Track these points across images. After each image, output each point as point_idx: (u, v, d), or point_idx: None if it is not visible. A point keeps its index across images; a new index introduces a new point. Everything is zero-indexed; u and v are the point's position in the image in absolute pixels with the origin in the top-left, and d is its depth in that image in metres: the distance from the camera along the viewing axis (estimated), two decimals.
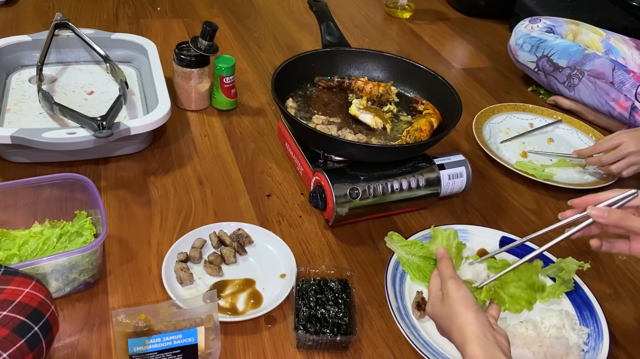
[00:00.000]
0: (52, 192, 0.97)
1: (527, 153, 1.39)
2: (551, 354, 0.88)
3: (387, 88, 1.28)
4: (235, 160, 1.25)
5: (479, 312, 0.74)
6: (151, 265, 0.98)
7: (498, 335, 0.73)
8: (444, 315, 0.77)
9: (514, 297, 0.89)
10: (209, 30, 1.28)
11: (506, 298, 0.89)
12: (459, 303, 0.75)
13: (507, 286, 0.91)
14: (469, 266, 0.93)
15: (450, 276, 0.80)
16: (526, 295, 0.89)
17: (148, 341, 0.75)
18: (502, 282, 0.91)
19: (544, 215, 1.22)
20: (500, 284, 0.91)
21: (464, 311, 0.74)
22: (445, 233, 0.95)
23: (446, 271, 0.81)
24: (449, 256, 0.85)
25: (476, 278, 0.92)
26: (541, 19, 1.63)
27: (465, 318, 0.73)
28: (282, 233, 1.07)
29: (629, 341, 0.96)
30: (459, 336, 0.72)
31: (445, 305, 0.77)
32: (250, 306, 0.92)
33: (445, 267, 0.82)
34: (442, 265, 0.83)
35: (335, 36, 1.35)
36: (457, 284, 0.78)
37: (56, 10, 1.72)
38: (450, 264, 0.83)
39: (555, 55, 1.53)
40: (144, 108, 1.27)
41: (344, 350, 0.88)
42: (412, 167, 1.10)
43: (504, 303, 0.89)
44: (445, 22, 2.08)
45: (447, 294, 0.78)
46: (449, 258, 0.84)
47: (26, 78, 1.32)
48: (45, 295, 0.74)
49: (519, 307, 0.89)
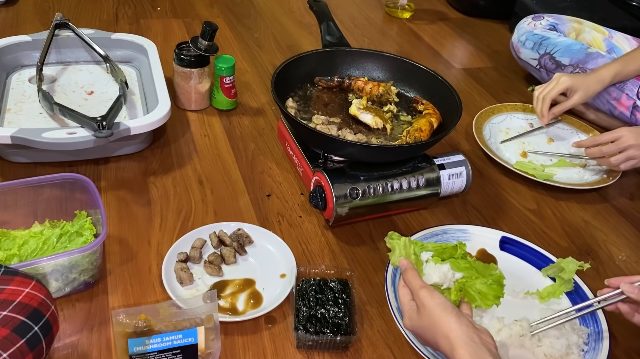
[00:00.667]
0: (52, 192, 0.97)
1: (527, 153, 1.39)
2: (551, 354, 0.88)
3: (387, 88, 1.28)
4: (235, 160, 1.25)
5: (460, 315, 0.74)
6: (151, 265, 0.98)
7: (483, 335, 0.73)
8: (424, 326, 0.77)
9: (481, 293, 0.89)
10: (209, 30, 1.28)
11: (475, 295, 0.89)
12: (438, 310, 0.75)
13: (474, 283, 0.91)
14: (434, 269, 0.92)
15: (421, 286, 0.79)
16: (492, 291, 0.89)
17: (148, 341, 0.75)
18: (468, 280, 0.91)
19: (544, 215, 1.22)
20: (466, 282, 0.91)
21: (444, 318, 0.74)
22: (400, 242, 0.94)
23: (414, 282, 0.81)
24: (413, 266, 0.85)
25: (443, 279, 0.91)
26: (544, 17, 1.63)
27: (448, 324, 0.73)
28: (282, 233, 1.07)
29: (629, 341, 0.96)
30: (446, 344, 0.73)
31: (424, 316, 0.77)
32: (250, 306, 0.92)
33: (412, 278, 0.82)
34: (408, 276, 0.82)
35: (335, 36, 1.35)
36: (430, 292, 0.78)
37: (56, 10, 1.72)
38: (416, 274, 0.82)
39: (558, 53, 1.54)
40: (144, 108, 1.27)
41: (344, 350, 0.88)
42: (412, 167, 1.10)
43: (474, 300, 0.88)
44: (445, 22, 2.08)
45: (422, 304, 0.77)
46: (413, 269, 0.84)
47: (26, 78, 1.32)
48: (45, 294, 0.74)
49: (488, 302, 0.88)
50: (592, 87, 1.36)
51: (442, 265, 0.92)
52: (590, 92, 1.36)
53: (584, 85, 1.35)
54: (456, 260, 0.94)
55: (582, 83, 1.35)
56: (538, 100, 1.39)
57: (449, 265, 0.92)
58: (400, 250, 0.92)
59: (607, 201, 1.29)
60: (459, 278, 0.91)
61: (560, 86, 1.35)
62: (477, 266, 0.93)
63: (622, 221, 1.24)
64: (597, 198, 1.29)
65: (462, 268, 0.93)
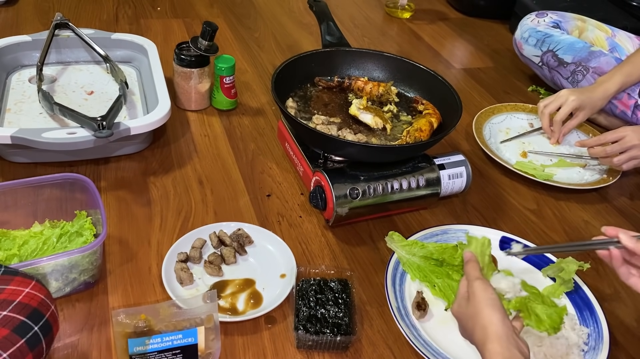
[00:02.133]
0: (52, 192, 0.97)
1: (527, 153, 1.39)
2: (551, 354, 0.88)
3: (387, 88, 1.28)
4: (235, 160, 1.25)
5: (505, 316, 0.74)
6: (151, 265, 0.98)
7: (520, 341, 0.73)
8: (468, 314, 0.77)
9: (538, 317, 0.88)
10: (209, 30, 1.28)
11: (532, 315, 0.88)
12: (485, 303, 0.76)
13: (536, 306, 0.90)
14: (504, 278, 0.94)
15: (477, 277, 0.80)
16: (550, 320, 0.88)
17: (148, 341, 0.75)
18: (531, 301, 0.91)
19: (544, 215, 1.22)
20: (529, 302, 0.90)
21: (489, 312, 0.74)
22: (479, 240, 0.94)
23: (472, 273, 0.82)
24: (476, 259, 0.86)
25: (510, 289, 0.92)
26: (548, 14, 1.63)
27: (489, 318, 0.74)
28: (282, 233, 1.07)
29: (629, 341, 0.96)
30: (481, 334, 0.73)
31: (471, 305, 0.77)
32: (250, 306, 0.92)
33: (471, 269, 0.83)
34: (468, 267, 0.84)
35: (335, 36, 1.35)
36: (485, 285, 0.79)
37: (56, 10, 1.72)
38: (477, 267, 0.84)
39: (561, 51, 1.54)
40: (144, 108, 1.27)
41: (344, 350, 0.88)
42: (412, 167, 1.10)
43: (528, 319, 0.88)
44: (445, 22, 2.09)
45: (474, 294, 0.78)
46: (475, 261, 0.85)
47: (26, 78, 1.32)
48: (45, 294, 0.74)
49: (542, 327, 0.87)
50: (598, 104, 1.37)
51: (513, 277, 0.94)
52: (596, 109, 1.38)
53: (590, 103, 1.35)
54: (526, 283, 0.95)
55: (588, 101, 1.35)
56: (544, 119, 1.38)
57: (519, 279, 0.94)
58: (477, 245, 0.93)
59: (607, 201, 1.29)
60: (524, 295, 0.92)
61: (569, 107, 1.35)
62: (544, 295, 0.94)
63: (622, 221, 1.24)
64: (597, 198, 1.29)
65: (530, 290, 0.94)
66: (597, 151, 1.29)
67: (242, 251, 1.01)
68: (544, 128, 1.40)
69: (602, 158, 1.29)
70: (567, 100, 1.35)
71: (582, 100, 1.35)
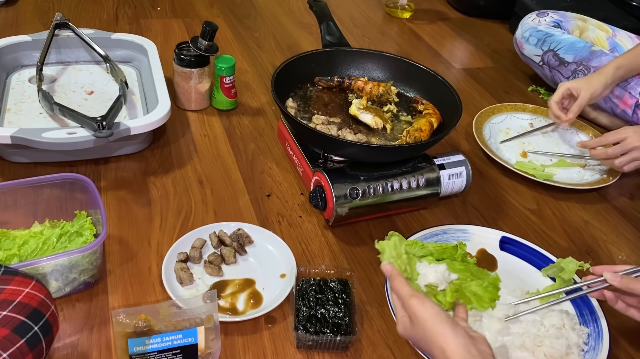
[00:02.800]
0: (52, 192, 0.97)
1: (527, 153, 1.39)
2: (551, 355, 0.88)
3: (387, 88, 1.28)
4: (235, 160, 1.25)
5: (455, 326, 0.71)
6: (151, 265, 0.98)
7: (479, 344, 0.70)
8: (418, 337, 0.73)
9: (477, 295, 0.87)
10: (209, 30, 1.28)
11: (471, 297, 0.87)
12: (432, 321, 0.71)
13: (469, 285, 0.88)
14: (429, 269, 0.89)
15: (410, 294, 0.74)
16: (488, 293, 0.88)
17: (148, 341, 0.75)
18: (463, 281, 0.89)
19: (544, 214, 1.22)
20: (462, 283, 0.89)
21: (439, 329, 0.70)
22: (390, 242, 0.87)
23: (403, 291, 0.76)
24: (398, 272, 0.79)
25: (439, 280, 0.89)
26: (549, 13, 1.63)
27: (443, 337, 0.70)
28: (282, 233, 1.07)
29: (629, 341, 0.96)
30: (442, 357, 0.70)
31: (417, 326, 0.73)
32: (250, 306, 0.92)
33: (400, 286, 0.76)
34: (395, 284, 0.77)
35: (335, 36, 1.35)
36: (421, 301, 0.73)
37: (56, 10, 1.72)
38: (403, 281, 0.77)
39: (562, 50, 1.54)
40: (144, 108, 1.27)
41: (344, 350, 0.88)
42: (412, 167, 1.10)
43: (470, 302, 0.86)
44: (445, 22, 2.09)
45: (415, 315, 0.73)
46: (399, 275, 0.78)
47: (26, 78, 1.32)
48: (45, 294, 0.74)
49: (484, 304, 0.87)
50: (594, 79, 1.35)
51: (438, 265, 0.91)
52: (594, 83, 1.34)
53: (585, 80, 1.35)
54: (452, 262, 0.94)
55: (582, 80, 1.35)
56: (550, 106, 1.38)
57: (445, 265, 0.91)
58: (390, 250, 0.85)
59: (607, 201, 1.29)
60: (454, 279, 0.90)
61: (560, 89, 1.36)
62: (472, 269, 0.93)
63: (622, 221, 1.24)
64: (597, 198, 1.29)
65: (458, 269, 0.92)
66: (598, 153, 1.29)
67: (242, 251, 1.01)
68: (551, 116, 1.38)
69: (604, 159, 1.29)
70: (559, 86, 1.36)
71: (575, 81, 1.35)
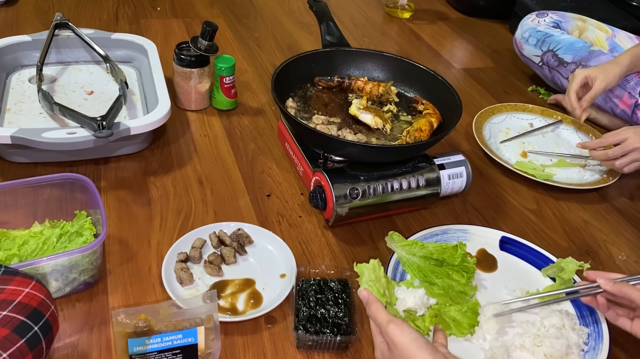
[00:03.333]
0: (52, 192, 0.97)
1: (527, 153, 1.39)
2: (551, 354, 0.88)
3: (387, 88, 1.28)
4: (235, 160, 1.25)
5: (435, 352, 0.69)
6: (151, 265, 0.98)
7: None
8: None
9: (456, 321, 0.86)
10: (209, 30, 1.28)
11: (450, 323, 0.86)
12: (411, 348, 0.69)
13: (448, 310, 0.88)
14: (407, 293, 0.89)
15: (388, 320, 0.73)
16: (467, 318, 0.86)
17: (148, 341, 0.75)
18: (441, 306, 0.88)
19: (544, 214, 1.22)
20: (440, 308, 0.88)
21: (419, 355, 0.69)
22: (369, 265, 0.86)
23: (380, 316, 0.74)
24: (375, 298, 0.78)
25: (418, 305, 0.88)
26: (548, 14, 1.63)
27: None
28: (282, 233, 1.07)
29: (629, 341, 0.96)
30: None
31: (395, 353, 0.71)
32: (250, 306, 0.92)
33: (377, 312, 0.75)
34: (372, 310, 0.75)
35: (335, 36, 1.35)
36: (399, 327, 0.72)
37: (56, 10, 1.72)
38: (381, 306, 0.76)
39: (561, 50, 1.54)
40: (144, 108, 1.27)
41: (344, 350, 0.88)
42: (412, 167, 1.10)
43: (449, 328, 0.85)
44: (445, 22, 2.09)
45: (393, 341, 0.71)
46: (376, 301, 0.77)
47: (26, 78, 1.32)
48: (45, 294, 0.74)
49: (463, 330, 0.85)
50: (611, 70, 1.34)
51: (417, 289, 0.89)
52: (610, 75, 1.34)
53: (601, 70, 1.35)
54: (430, 286, 0.93)
55: (598, 69, 1.35)
56: (567, 100, 1.38)
57: (423, 290, 0.90)
58: (369, 273, 0.85)
59: (607, 201, 1.29)
60: (432, 304, 0.89)
61: (578, 77, 1.35)
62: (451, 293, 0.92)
63: (622, 221, 1.24)
64: (597, 198, 1.29)
65: (436, 294, 0.91)
66: (599, 155, 1.29)
67: (242, 251, 1.01)
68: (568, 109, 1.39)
69: (604, 161, 1.29)
70: (574, 74, 1.36)
71: (590, 70, 1.35)
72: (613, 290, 0.83)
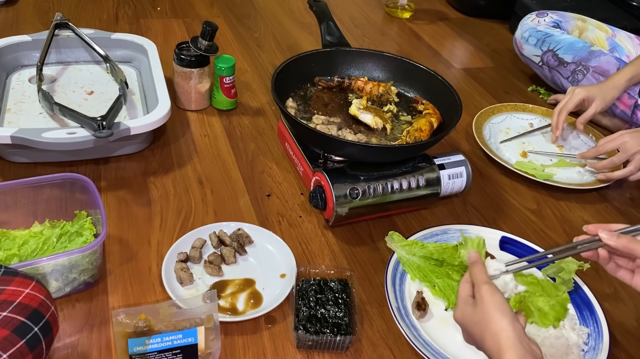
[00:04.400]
0: (52, 192, 0.97)
1: (527, 153, 1.39)
2: (551, 354, 0.88)
3: (387, 88, 1.28)
4: (235, 160, 1.25)
5: (515, 320, 0.72)
6: (151, 265, 0.98)
7: (532, 344, 0.72)
8: (476, 320, 0.75)
9: (542, 311, 0.88)
10: (209, 30, 1.28)
11: (535, 311, 0.87)
12: (494, 308, 0.73)
13: (536, 299, 0.89)
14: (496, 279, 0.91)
15: (485, 281, 0.77)
16: (554, 311, 0.88)
17: (148, 341, 0.75)
18: (531, 295, 0.89)
19: (544, 214, 1.22)
20: (529, 296, 0.89)
21: (499, 317, 0.72)
22: (474, 240, 0.93)
23: (479, 276, 0.79)
24: (482, 260, 0.83)
25: (504, 288, 0.90)
26: (548, 13, 1.63)
27: (500, 324, 0.71)
28: (282, 233, 1.07)
29: (629, 341, 0.96)
30: (494, 343, 0.71)
31: (478, 311, 0.75)
32: (250, 306, 0.92)
33: (478, 272, 0.79)
34: (475, 270, 0.80)
35: (335, 36, 1.35)
36: (492, 289, 0.76)
37: (56, 10, 1.72)
38: (484, 269, 0.80)
39: (561, 50, 1.54)
40: (144, 108, 1.27)
41: (344, 350, 0.88)
42: (412, 167, 1.10)
43: (531, 316, 0.87)
44: (445, 22, 2.09)
45: (482, 299, 0.75)
46: (482, 263, 0.82)
47: (26, 78, 1.32)
48: (45, 295, 0.74)
49: (547, 322, 0.87)
50: (609, 94, 1.34)
51: (506, 275, 0.91)
52: (608, 99, 1.35)
53: (600, 93, 1.34)
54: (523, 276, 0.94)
55: (598, 91, 1.34)
56: (554, 114, 1.37)
57: (512, 275, 0.91)
58: (472, 246, 0.92)
59: (607, 201, 1.29)
60: (521, 291, 0.90)
61: (576, 98, 1.34)
62: (544, 283, 0.92)
63: (622, 221, 1.23)
64: (597, 198, 1.29)
65: (527, 282, 0.92)
66: (604, 165, 1.27)
67: (242, 251, 1.01)
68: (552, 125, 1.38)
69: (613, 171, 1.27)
70: (574, 93, 1.35)
71: (589, 90, 1.34)
72: (617, 245, 0.79)
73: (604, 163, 1.27)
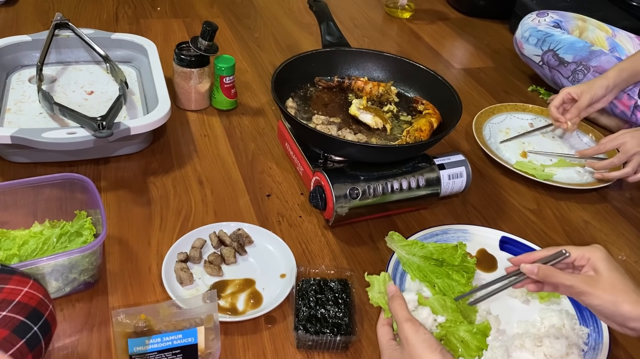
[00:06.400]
0: (52, 192, 0.97)
1: (527, 153, 1.39)
2: (551, 354, 0.88)
3: (387, 88, 1.28)
4: (235, 160, 1.25)
5: (445, 353, 0.70)
6: (151, 265, 0.98)
7: None
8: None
9: (464, 342, 0.83)
10: (209, 30, 1.28)
11: (458, 344, 0.83)
12: (421, 346, 0.70)
13: (457, 329, 0.85)
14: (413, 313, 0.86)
15: (406, 318, 0.74)
16: (477, 340, 0.83)
17: (148, 341, 0.75)
18: (452, 324, 0.85)
19: (544, 215, 1.22)
20: (449, 327, 0.85)
21: (428, 355, 0.69)
22: (379, 278, 0.87)
23: (400, 313, 0.75)
24: (401, 294, 0.79)
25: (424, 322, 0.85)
26: (549, 13, 1.63)
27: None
28: (282, 233, 1.07)
29: (629, 341, 0.96)
30: None
31: (406, 353, 0.72)
32: (250, 306, 0.92)
33: (399, 308, 0.76)
34: (395, 305, 0.76)
35: (335, 36, 1.35)
36: (415, 326, 0.73)
37: (56, 10, 1.72)
38: (404, 304, 0.77)
39: (562, 50, 1.54)
40: (144, 108, 1.27)
41: (344, 350, 0.88)
42: (412, 167, 1.10)
43: (456, 350, 0.82)
44: (445, 22, 2.08)
45: (406, 340, 0.72)
46: (401, 297, 0.78)
47: (26, 78, 1.32)
48: (44, 294, 0.74)
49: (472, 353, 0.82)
50: (596, 83, 1.33)
51: (422, 308, 0.87)
52: (595, 86, 1.33)
53: (588, 88, 1.34)
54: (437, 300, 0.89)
55: (586, 86, 1.34)
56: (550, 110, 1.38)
57: (428, 309, 0.87)
58: (379, 285, 0.86)
59: (607, 201, 1.29)
60: (441, 321, 0.86)
61: (560, 94, 1.35)
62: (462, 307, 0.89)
63: (622, 221, 1.24)
64: (597, 198, 1.29)
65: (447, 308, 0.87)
66: (603, 165, 1.27)
67: (242, 251, 1.01)
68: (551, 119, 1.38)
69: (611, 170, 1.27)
70: (561, 90, 1.36)
71: (578, 86, 1.35)
72: (538, 277, 0.80)
73: (604, 164, 1.27)
